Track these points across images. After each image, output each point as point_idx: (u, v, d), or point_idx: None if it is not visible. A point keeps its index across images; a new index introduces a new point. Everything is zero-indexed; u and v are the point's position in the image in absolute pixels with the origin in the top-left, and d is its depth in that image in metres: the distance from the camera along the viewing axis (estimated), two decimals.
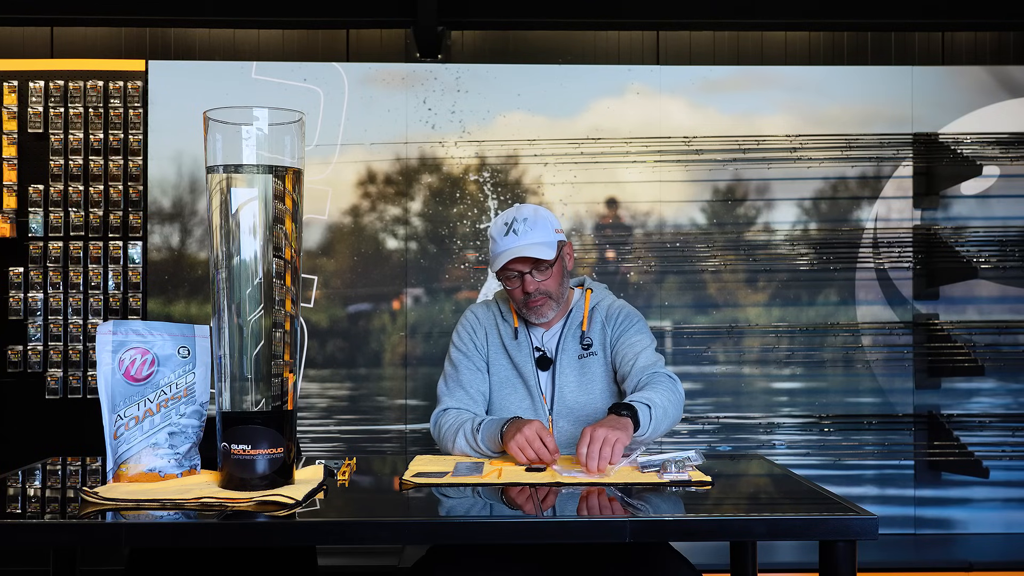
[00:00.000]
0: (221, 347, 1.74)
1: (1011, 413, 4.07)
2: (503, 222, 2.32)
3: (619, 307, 2.42)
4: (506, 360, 2.39)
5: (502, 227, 2.31)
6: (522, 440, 2.02)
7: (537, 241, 2.28)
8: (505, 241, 2.29)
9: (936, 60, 4.44)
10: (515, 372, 2.38)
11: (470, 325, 2.43)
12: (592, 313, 2.40)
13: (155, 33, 4.33)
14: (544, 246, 2.28)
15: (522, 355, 2.37)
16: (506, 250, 2.28)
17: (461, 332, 2.44)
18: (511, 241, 2.28)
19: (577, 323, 2.39)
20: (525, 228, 2.28)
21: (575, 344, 2.37)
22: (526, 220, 2.29)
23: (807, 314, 4.09)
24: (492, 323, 2.43)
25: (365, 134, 4.01)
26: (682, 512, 1.73)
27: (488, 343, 2.41)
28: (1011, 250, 4.06)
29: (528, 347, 2.38)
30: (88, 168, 3.99)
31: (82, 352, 3.99)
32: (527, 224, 2.29)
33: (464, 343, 2.42)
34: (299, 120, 1.76)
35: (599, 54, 4.43)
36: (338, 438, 4.01)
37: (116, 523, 1.60)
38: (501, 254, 2.29)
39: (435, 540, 1.93)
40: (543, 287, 2.31)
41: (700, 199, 4.09)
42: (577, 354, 2.36)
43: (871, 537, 1.59)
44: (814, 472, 3.98)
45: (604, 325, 2.39)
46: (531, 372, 2.36)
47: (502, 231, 2.30)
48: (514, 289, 2.33)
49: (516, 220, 2.30)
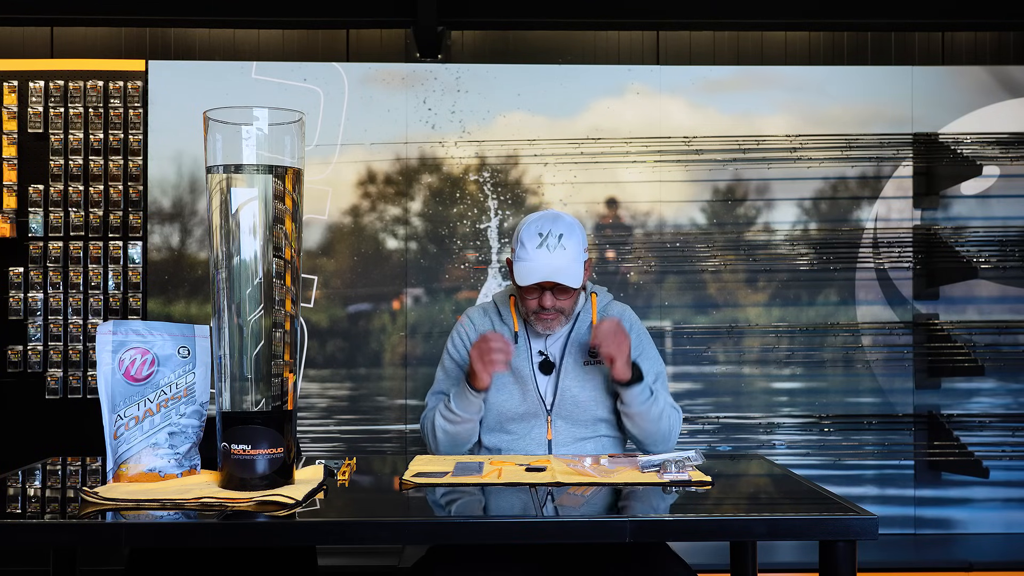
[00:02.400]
0: (221, 347, 1.74)
1: (1011, 413, 4.07)
2: (537, 232, 2.24)
3: (629, 322, 2.39)
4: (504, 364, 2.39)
5: (535, 237, 2.24)
6: (476, 353, 2.20)
7: (569, 262, 2.23)
8: (537, 255, 2.22)
9: (936, 60, 4.44)
10: (513, 376, 2.35)
11: (465, 332, 2.41)
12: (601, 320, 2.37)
13: (155, 33, 4.33)
14: (575, 271, 2.24)
15: (521, 359, 2.35)
16: (537, 267, 2.22)
17: (456, 340, 2.42)
18: (543, 257, 2.22)
19: (586, 328, 2.37)
20: (559, 246, 2.22)
21: (581, 351, 2.35)
22: (561, 237, 2.23)
23: (807, 314, 4.09)
24: (489, 328, 2.40)
25: (365, 134, 4.01)
26: (682, 512, 1.73)
27: None
28: (1011, 250, 4.06)
29: (527, 351, 2.36)
30: (88, 168, 3.99)
31: (82, 352, 3.99)
32: (561, 242, 2.23)
33: (458, 351, 2.41)
34: (299, 120, 1.76)
35: (599, 54, 4.43)
36: (338, 438, 4.01)
37: (116, 523, 1.60)
38: (532, 270, 2.23)
39: (435, 540, 1.93)
40: (560, 305, 2.29)
41: (700, 199, 4.09)
42: (583, 360, 2.35)
43: (871, 537, 1.59)
44: (814, 472, 3.98)
45: None
46: (530, 375, 2.35)
47: (535, 241, 2.23)
48: (530, 299, 2.29)
49: (551, 235, 2.23)
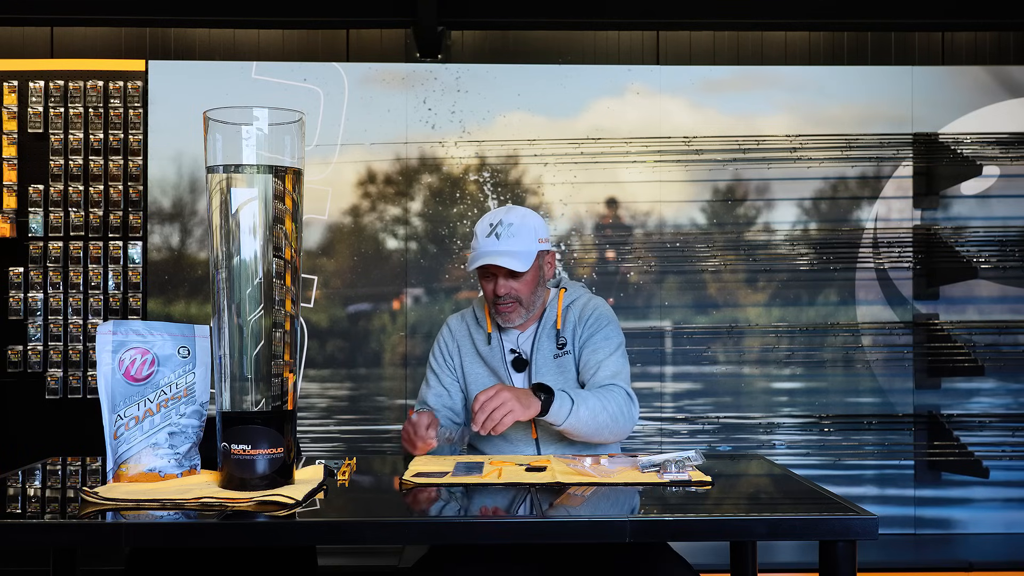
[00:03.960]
0: (221, 347, 1.74)
1: (1011, 413, 4.07)
2: (488, 222, 2.33)
3: (593, 307, 2.41)
4: (482, 367, 2.42)
5: (486, 227, 2.33)
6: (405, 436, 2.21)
7: (514, 250, 2.29)
8: (485, 243, 2.31)
9: (936, 60, 4.44)
10: (492, 377, 2.40)
11: (444, 341, 2.48)
12: (566, 312, 2.40)
13: (155, 33, 4.33)
14: (519, 256, 2.28)
15: (496, 360, 2.40)
16: (483, 254, 2.31)
17: (435, 348, 2.50)
18: (490, 244, 2.30)
19: (551, 322, 2.40)
20: (507, 234, 2.29)
21: (550, 344, 2.38)
22: (511, 226, 2.30)
23: (807, 314, 4.09)
24: (465, 334, 2.45)
25: (365, 134, 4.01)
26: (682, 512, 1.73)
27: (461, 355, 2.44)
28: (1011, 250, 4.06)
29: (501, 351, 2.40)
30: (88, 168, 3.99)
31: (82, 352, 3.99)
32: (510, 231, 2.29)
33: (436, 360, 2.47)
34: (299, 120, 1.76)
35: (599, 54, 4.43)
36: (338, 438, 4.01)
37: (116, 523, 1.59)
38: (477, 256, 2.32)
39: (435, 540, 1.93)
40: (514, 292, 2.32)
41: (700, 199, 4.09)
42: (553, 353, 2.37)
43: (871, 537, 1.59)
44: (814, 472, 3.98)
45: (576, 325, 2.39)
46: (505, 375, 2.38)
47: (485, 231, 2.32)
48: (486, 289, 2.36)
49: (501, 224, 2.31)
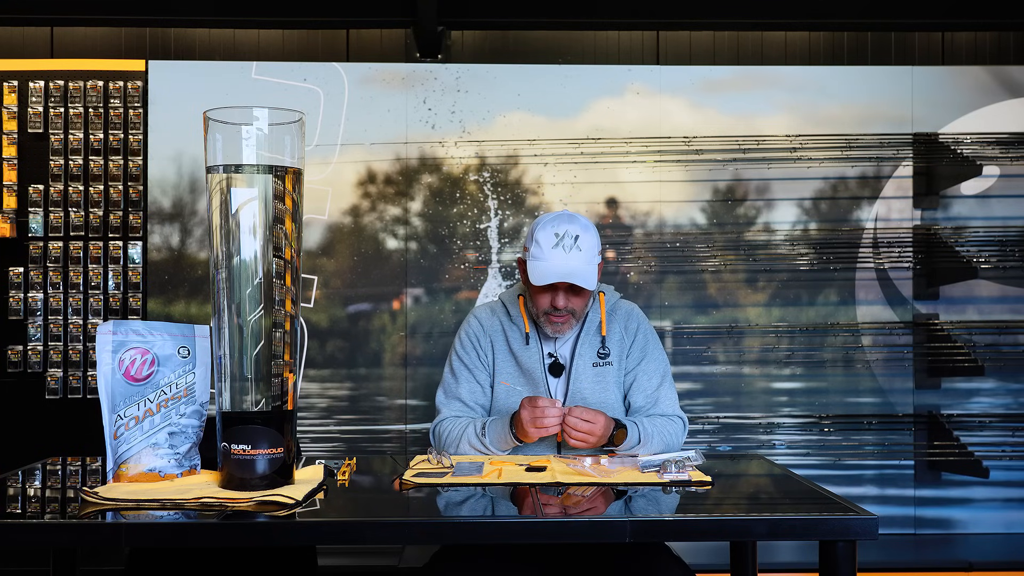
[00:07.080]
0: (221, 347, 1.74)
1: (1011, 413, 4.07)
2: (553, 232, 2.24)
3: (637, 320, 2.39)
4: (513, 365, 2.35)
5: (552, 237, 2.24)
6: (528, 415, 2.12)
7: (584, 264, 2.23)
8: (553, 255, 2.22)
9: (936, 60, 4.44)
10: (523, 377, 2.34)
11: (474, 333, 2.38)
12: (610, 319, 2.36)
13: (155, 33, 4.33)
14: (590, 272, 2.24)
15: (532, 361, 2.33)
16: (553, 267, 2.22)
17: (464, 341, 2.39)
18: (558, 257, 2.22)
19: (595, 328, 2.35)
20: (575, 247, 2.22)
21: (591, 351, 2.33)
22: (577, 238, 2.23)
23: (807, 314, 4.09)
24: (498, 328, 2.38)
25: (365, 134, 4.01)
26: (682, 512, 1.73)
27: (494, 351, 2.36)
28: (1011, 250, 4.06)
29: (539, 352, 2.34)
30: (88, 168, 3.99)
31: (82, 352, 3.99)
32: (577, 242, 2.23)
33: (467, 353, 2.37)
34: (299, 120, 1.76)
35: (599, 54, 4.42)
36: (338, 438, 4.01)
37: (116, 523, 1.60)
38: (547, 270, 2.23)
39: (435, 540, 1.93)
40: (572, 306, 2.28)
41: (700, 199, 4.09)
42: (592, 361, 2.33)
43: (871, 537, 1.59)
44: (814, 472, 3.98)
45: (623, 336, 2.36)
46: (541, 378, 2.33)
47: (551, 241, 2.23)
48: (542, 299, 2.28)
49: (567, 235, 2.23)
